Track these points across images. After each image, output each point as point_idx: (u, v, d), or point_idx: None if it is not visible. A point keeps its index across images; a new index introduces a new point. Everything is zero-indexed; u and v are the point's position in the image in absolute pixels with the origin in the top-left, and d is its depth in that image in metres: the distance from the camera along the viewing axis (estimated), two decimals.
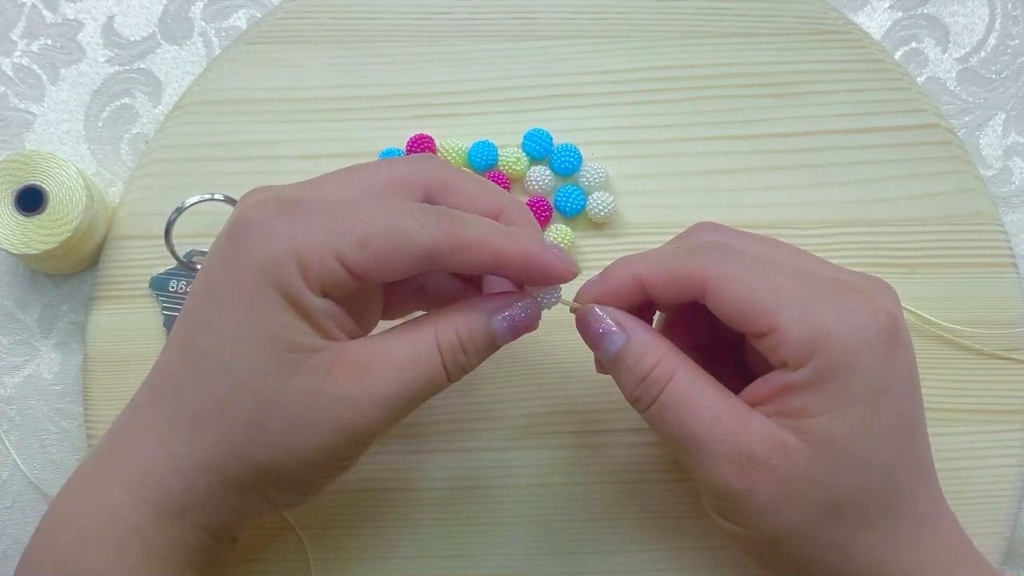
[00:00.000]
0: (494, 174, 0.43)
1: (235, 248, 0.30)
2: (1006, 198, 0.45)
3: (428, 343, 0.32)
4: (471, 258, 0.31)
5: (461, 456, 0.41)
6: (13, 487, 0.42)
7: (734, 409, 0.31)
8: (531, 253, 0.32)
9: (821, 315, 0.30)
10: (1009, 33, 0.46)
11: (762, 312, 0.30)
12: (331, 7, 0.45)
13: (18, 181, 0.40)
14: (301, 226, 0.30)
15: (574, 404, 0.41)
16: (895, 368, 0.31)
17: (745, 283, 0.31)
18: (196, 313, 0.31)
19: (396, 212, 0.31)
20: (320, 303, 0.30)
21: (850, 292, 0.31)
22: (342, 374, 0.30)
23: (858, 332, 0.30)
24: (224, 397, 0.30)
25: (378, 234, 0.30)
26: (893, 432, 0.31)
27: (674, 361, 0.32)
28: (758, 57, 0.44)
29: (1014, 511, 0.41)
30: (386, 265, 0.30)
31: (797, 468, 0.30)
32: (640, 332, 0.33)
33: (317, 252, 0.30)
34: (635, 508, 0.40)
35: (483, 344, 0.33)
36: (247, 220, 0.30)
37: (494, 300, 0.33)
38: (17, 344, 0.43)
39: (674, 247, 0.33)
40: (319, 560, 0.40)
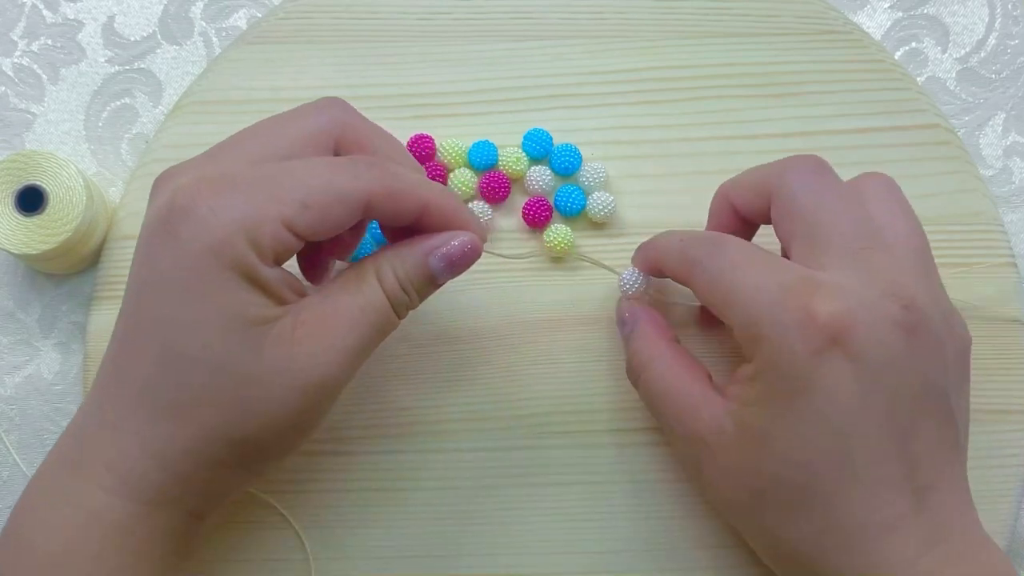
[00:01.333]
0: (494, 174, 0.43)
1: (178, 236, 0.30)
2: (1006, 198, 0.45)
3: (374, 288, 0.33)
4: (401, 205, 0.33)
5: (461, 456, 0.41)
6: (13, 487, 0.42)
7: (694, 393, 0.35)
8: (456, 209, 0.34)
9: (762, 315, 0.32)
10: (1009, 33, 0.46)
11: (724, 310, 0.34)
12: (331, 7, 0.45)
13: (18, 181, 0.40)
14: (243, 201, 0.30)
15: (575, 404, 0.41)
16: (820, 375, 0.31)
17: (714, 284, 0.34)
18: (148, 306, 0.31)
19: (329, 169, 0.32)
20: (273, 272, 0.31)
21: (799, 294, 0.32)
22: (304, 335, 0.31)
23: (785, 334, 0.32)
24: (200, 385, 0.31)
25: (318, 192, 0.31)
26: (815, 434, 0.31)
27: (656, 350, 0.37)
28: (758, 57, 0.44)
29: (1014, 511, 0.41)
30: (328, 221, 0.32)
31: (728, 452, 0.34)
32: (641, 324, 0.39)
33: (266, 223, 0.30)
34: (637, 508, 0.40)
35: (422, 282, 0.34)
36: (183, 206, 0.30)
37: (430, 239, 0.34)
38: (17, 344, 0.43)
39: (678, 239, 0.37)
40: (319, 560, 0.40)
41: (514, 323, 0.42)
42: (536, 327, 0.42)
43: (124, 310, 0.32)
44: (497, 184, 0.42)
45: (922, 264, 0.34)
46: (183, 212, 0.30)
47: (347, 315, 0.32)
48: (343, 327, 0.32)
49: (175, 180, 0.32)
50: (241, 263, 0.30)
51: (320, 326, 0.32)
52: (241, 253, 0.30)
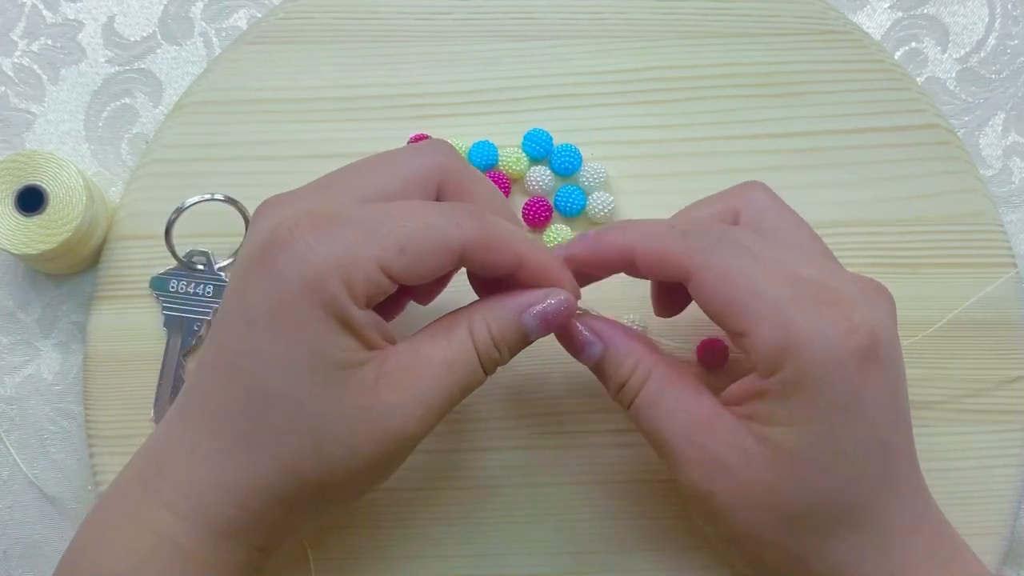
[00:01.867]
0: (494, 174, 0.43)
1: (275, 269, 0.30)
2: (1006, 198, 0.45)
3: (464, 343, 0.32)
4: (498, 258, 0.32)
5: (461, 456, 0.41)
6: (13, 487, 0.42)
7: (703, 411, 0.32)
8: (551, 266, 0.33)
9: (795, 325, 0.30)
10: (1009, 33, 0.46)
11: (737, 315, 0.31)
12: (331, 7, 0.45)
13: (18, 181, 0.40)
14: (341, 240, 0.30)
15: (576, 404, 0.41)
16: (866, 386, 0.30)
17: (726, 281, 0.31)
18: (238, 340, 0.31)
19: (430, 214, 0.31)
20: (364, 315, 0.30)
21: (829, 303, 0.30)
22: (388, 384, 0.31)
23: (829, 348, 0.30)
24: (278, 423, 0.30)
25: (416, 237, 0.30)
26: (859, 448, 0.31)
27: (648, 365, 0.33)
28: (758, 57, 0.44)
29: (1014, 511, 0.41)
30: (424, 267, 0.31)
31: (756, 474, 0.31)
32: (616, 340, 0.34)
33: (361, 265, 0.30)
34: (637, 508, 0.40)
35: (515, 340, 0.33)
36: (282, 240, 0.30)
37: (525, 295, 0.33)
38: (17, 344, 0.43)
39: (670, 225, 0.34)
40: (319, 560, 0.40)
41: None
42: None
43: (213, 335, 0.32)
44: (497, 184, 0.42)
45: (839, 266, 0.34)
46: (281, 245, 0.30)
47: (434, 369, 0.31)
48: (428, 381, 0.31)
49: (278, 211, 0.32)
50: (332, 303, 0.29)
51: (404, 377, 0.31)
52: (334, 293, 0.29)
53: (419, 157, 0.34)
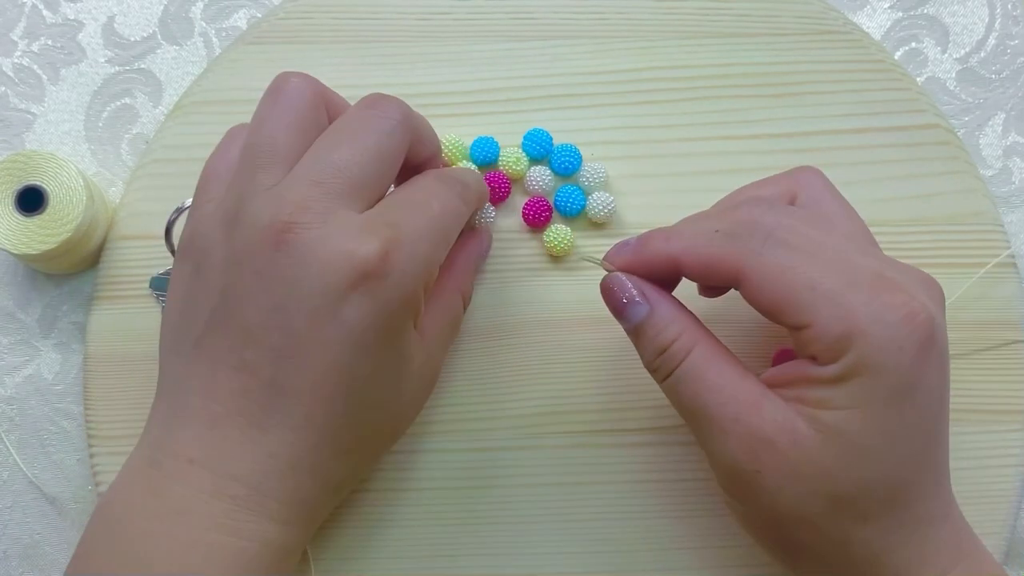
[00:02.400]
0: (494, 174, 0.43)
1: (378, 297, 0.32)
2: (1006, 198, 0.45)
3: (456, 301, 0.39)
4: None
5: (461, 456, 0.41)
6: (13, 487, 0.42)
7: (750, 389, 0.32)
8: None
9: (856, 313, 0.30)
10: (1009, 33, 0.46)
11: (797, 309, 0.31)
12: (331, 7, 0.45)
13: (18, 181, 0.40)
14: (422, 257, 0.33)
15: (576, 404, 0.41)
16: (924, 372, 0.30)
17: (782, 279, 0.31)
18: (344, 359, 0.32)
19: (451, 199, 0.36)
20: None
21: (889, 290, 0.30)
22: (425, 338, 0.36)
23: (891, 333, 0.30)
24: (374, 429, 0.35)
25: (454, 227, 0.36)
26: (911, 434, 0.31)
27: (693, 336, 0.33)
28: (758, 57, 0.44)
29: (1014, 511, 0.41)
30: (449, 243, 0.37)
31: (806, 455, 0.31)
32: (663, 304, 0.33)
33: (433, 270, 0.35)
34: (637, 508, 0.40)
35: None
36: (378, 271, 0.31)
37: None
38: (17, 344, 0.43)
39: (713, 229, 0.32)
40: (319, 560, 0.40)
41: (514, 323, 0.42)
42: (536, 327, 0.42)
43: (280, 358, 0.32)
44: (497, 184, 0.42)
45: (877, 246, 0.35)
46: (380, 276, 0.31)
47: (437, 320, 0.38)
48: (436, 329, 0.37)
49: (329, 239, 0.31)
50: (418, 308, 0.34)
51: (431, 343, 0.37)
52: (420, 300, 0.34)
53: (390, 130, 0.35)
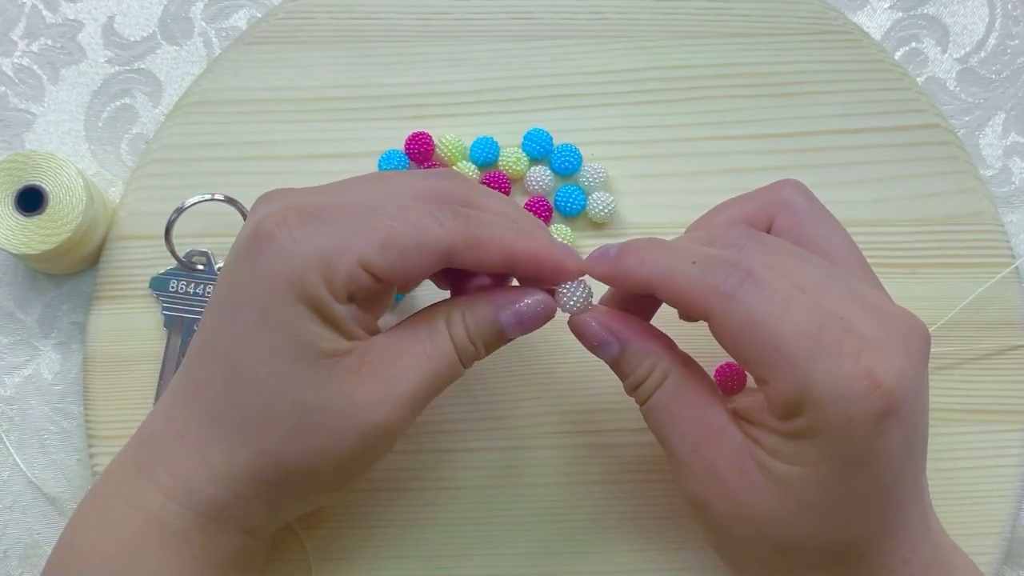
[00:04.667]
0: (494, 174, 0.43)
1: (259, 262, 0.30)
2: (1006, 198, 0.45)
3: (442, 338, 0.33)
4: (483, 255, 0.32)
5: (461, 456, 0.41)
6: (13, 487, 0.42)
7: (711, 422, 0.32)
8: (537, 249, 0.32)
9: (813, 381, 0.29)
10: (1009, 33, 0.46)
11: (758, 365, 0.30)
12: (331, 7, 0.45)
13: (18, 181, 0.40)
14: (323, 236, 0.30)
15: (575, 404, 0.41)
16: (880, 444, 0.29)
17: (747, 332, 0.30)
18: (224, 327, 0.32)
19: (414, 211, 0.31)
20: (345, 309, 0.31)
21: (854, 357, 0.29)
22: (370, 373, 0.31)
23: (846, 406, 0.29)
24: (263, 410, 0.31)
25: (399, 235, 0.31)
26: (860, 499, 0.30)
27: (665, 369, 0.33)
28: (758, 57, 0.44)
29: (1014, 511, 0.41)
30: (407, 265, 0.31)
31: (754, 498, 0.31)
32: (635, 341, 0.33)
33: (342, 260, 0.30)
34: (637, 508, 0.40)
35: (491, 336, 0.33)
36: (268, 233, 0.30)
37: (504, 293, 0.33)
38: (17, 344, 0.43)
39: (690, 261, 0.31)
40: (319, 560, 0.40)
41: None
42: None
43: (203, 322, 0.33)
44: (497, 184, 0.42)
45: (869, 271, 0.34)
46: (268, 239, 0.30)
47: (413, 360, 0.32)
48: (409, 371, 0.32)
49: (272, 203, 0.32)
50: (313, 297, 0.30)
51: (385, 368, 0.32)
52: (314, 287, 0.30)
53: (425, 177, 0.34)
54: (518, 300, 0.33)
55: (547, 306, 0.33)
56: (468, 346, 0.33)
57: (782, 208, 0.34)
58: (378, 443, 0.32)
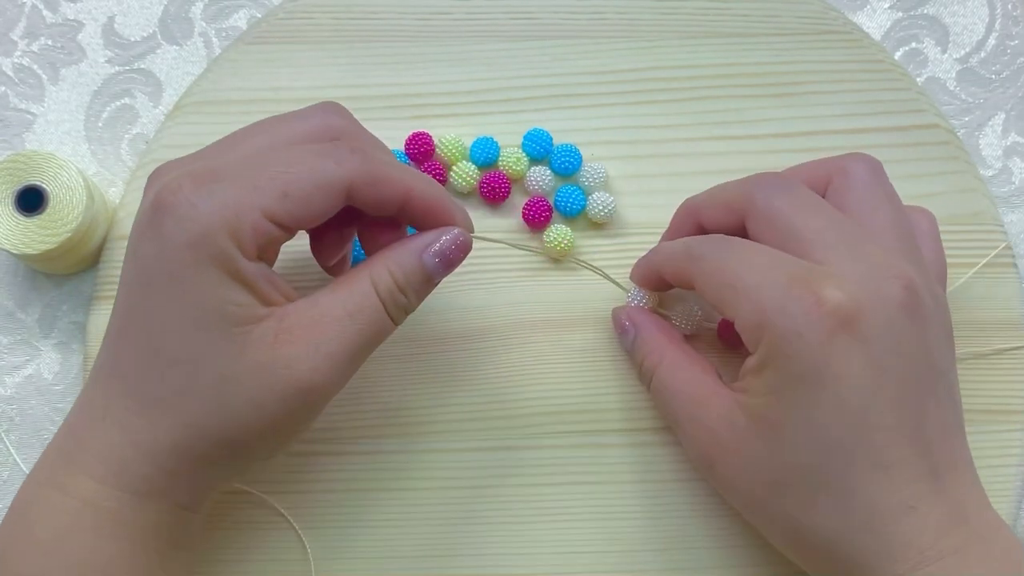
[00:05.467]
0: (494, 174, 0.43)
1: (161, 231, 0.30)
2: (1006, 198, 0.45)
3: (367, 293, 0.33)
4: (384, 192, 0.32)
5: (461, 456, 0.41)
6: (13, 487, 0.42)
7: (705, 389, 0.35)
8: (440, 198, 0.34)
9: (766, 304, 0.32)
10: (1009, 33, 0.46)
11: (723, 304, 0.34)
12: (331, 7, 0.45)
13: (18, 181, 0.40)
14: (222, 194, 0.30)
15: (575, 404, 0.41)
16: (833, 359, 0.31)
17: (713, 278, 0.34)
18: (134, 303, 0.32)
19: (311, 155, 0.32)
20: (256, 268, 0.31)
21: (801, 282, 0.32)
22: (289, 339, 0.31)
23: (794, 321, 0.31)
24: (180, 382, 0.31)
25: (298, 179, 0.31)
26: (832, 419, 0.31)
27: (662, 351, 0.38)
28: (758, 57, 0.44)
29: (1014, 511, 0.41)
30: (311, 209, 0.31)
31: (742, 443, 0.33)
32: (644, 329, 0.39)
33: (245, 215, 0.30)
34: (637, 508, 0.40)
35: (420, 282, 0.34)
36: (166, 202, 0.30)
37: (422, 237, 0.34)
38: (17, 344, 0.43)
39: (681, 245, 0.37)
40: (319, 560, 0.40)
41: (514, 323, 0.42)
42: (536, 327, 0.42)
43: (115, 304, 0.33)
44: (497, 184, 0.42)
45: (909, 247, 0.34)
46: (167, 207, 0.30)
47: (334, 320, 0.32)
48: (329, 333, 0.32)
49: (166, 173, 0.32)
50: (222, 257, 0.30)
51: (304, 331, 0.31)
52: (222, 246, 0.30)
53: (308, 118, 0.34)
54: (437, 240, 0.34)
55: (465, 239, 0.34)
56: (400, 297, 0.33)
57: (840, 175, 0.36)
58: (304, 406, 0.32)
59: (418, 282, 0.34)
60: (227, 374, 0.31)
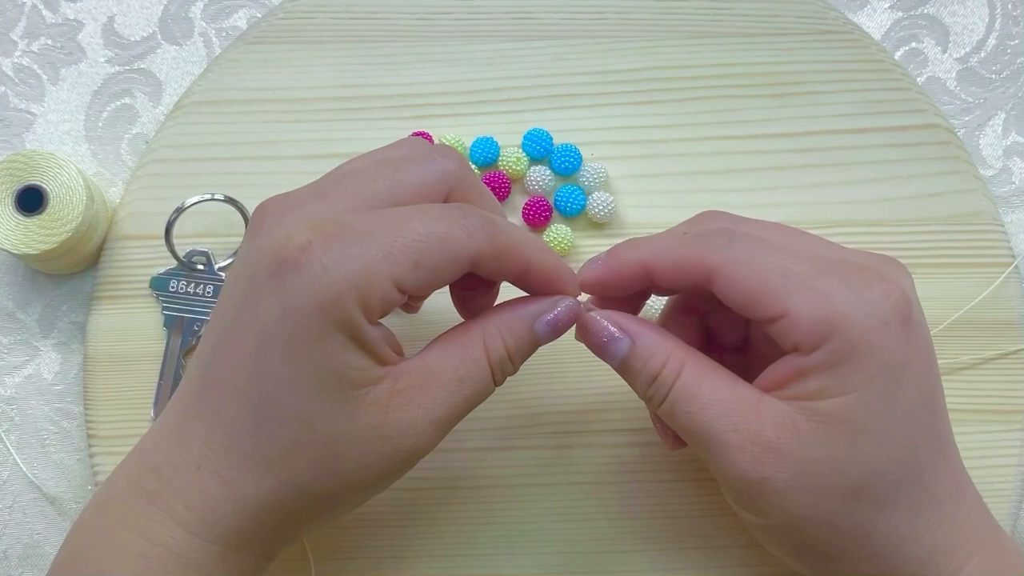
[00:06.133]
0: (494, 174, 0.43)
1: (288, 290, 0.29)
2: (1006, 198, 0.45)
3: (478, 359, 0.32)
4: (508, 265, 0.32)
5: (461, 456, 0.41)
6: (13, 487, 0.42)
7: (744, 397, 0.31)
8: (549, 264, 0.32)
9: (833, 296, 0.30)
10: (1009, 33, 0.46)
11: (771, 297, 0.30)
12: (331, 7, 0.45)
13: (18, 181, 0.40)
14: (356, 260, 0.29)
15: (574, 403, 0.41)
16: (912, 346, 0.30)
17: (753, 267, 0.31)
18: (251, 358, 0.30)
19: (444, 222, 0.30)
20: (376, 331, 0.30)
21: (861, 271, 0.30)
22: (402, 403, 0.31)
23: (872, 311, 0.29)
24: (292, 442, 0.30)
25: (431, 250, 0.30)
26: (913, 409, 0.30)
27: (681, 357, 0.32)
28: (758, 57, 0.44)
29: (1014, 511, 0.41)
30: (439, 279, 0.31)
31: (811, 451, 0.30)
32: (644, 334, 0.33)
33: (377, 284, 0.29)
34: (637, 508, 0.40)
35: (527, 349, 0.33)
36: (294, 259, 0.29)
37: (536, 304, 0.33)
38: (17, 344, 0.43)
39: (681, 232, 0.33)
40: (319, 560, 0.40)
41: None
42: None
43: (214, 348, 0.31)
44: (497, 184, 0.42)
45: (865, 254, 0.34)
46: (295, 265, 0.29)
47: (444, 385, 0.31)
48: (441, 398, 0.31)
49: (283, 220, 0.31)
50: (348, 324, 0.29)
51: (416, 395, 0.31)
52: (350, 314, 0.29)
53: (428, 166, 0.33)
54: (552, 309, 0.33)
55: (578, 310, 0.33)
56: (507, 364, 0.32)
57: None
58: (404, 467, 0.32)
59: (526, 349, 0.33)
60: (339, 435, 0.30)
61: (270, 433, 0.30)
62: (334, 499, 0.32)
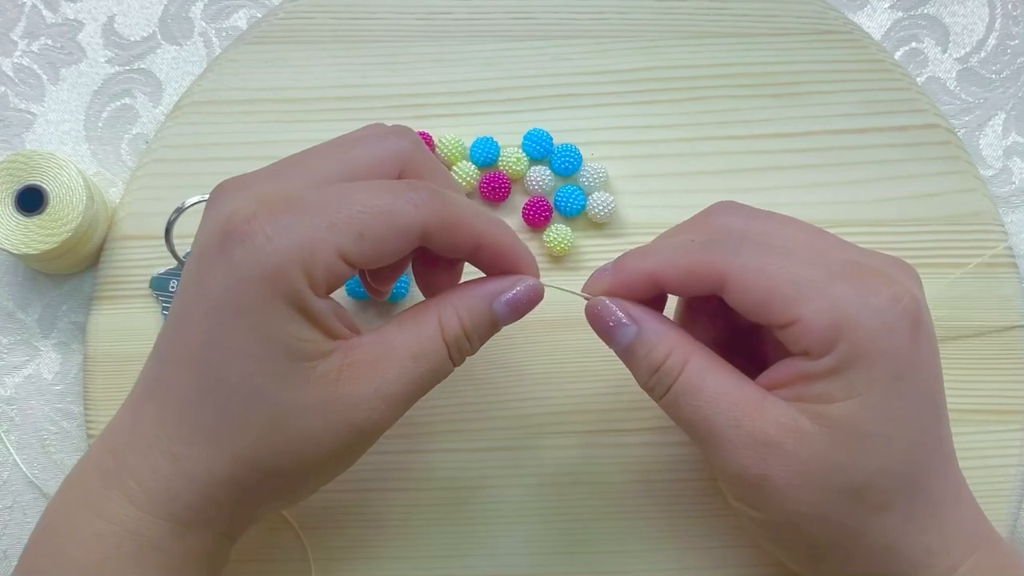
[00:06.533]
0: (494, 174, 0.43)
1: (232, 261, 0.29)
2: (1006, 198, 0.45)
3: (433, 336, 0.32)
4: (458, 237, 0.32)
5: (461, 456, 0.41)
6: (13, 487, 0.42)
7: (748, 394, 0.31)
8: (503, 240, 0.33)
9: (842, 302, 0.30)
10: (1009, 33, 0.46)
11: (783, 304, 0.30)
12: (331, 7, 0.45)
13: (18, 181, 0.40)
14: (299, 229, 0.29)
15: (575, 404, 0.41)
16: (919, 351, 0.30)
17: (764, 275, 0.31)
18: (195, 328, 0.30)
19: (388, 193, 0.31)
20: (325, 303, 0.30)
21: (871, 275, 0.30)
22: (352, 376, 0.31)
23: (881, 317, 0.30)
24: (239, 414, 0.30)
25: (375, 221, 0.30)
26: (917, 414, 0.31)
27: (687, 349, 0.32)
28: (758, 57, 0.44)
29: (1014, 511, 0.41)
30: (384, 251, 0.31)
31: (813, 452, 0.30)
32: (651, 322, 0.33)
33: (320, 253, 0.29)
34: (637, 508, 0.40)
35: (485, 329, 0.33)
36: (239, 230, 0.29)
37: (493, 283, 0.33)
38: (17, 344, 0.43)
39: (688, 239, 0.33)
40: (319, 560, 0.40)
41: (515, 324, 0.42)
42: (536, 327, 0.42)
43: (169, 326, 0.32)
44: (497, 184, 0.42)
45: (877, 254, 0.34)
46: (239, 237, 0.29)
47: (397, 361, 0.31)
48: (393, 374, 0.31)
49: (234, 196, 0.31)
50: (293, 294, 0.29)
51: (369, 370, 0.31)
52: (294, 283, 0.29)
53: (381, 143, 0.33)
54: (510, 289, 0.33)
55: (538, 289, 0.33)
56: (463, 342, 0.32)
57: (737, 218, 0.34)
58: (358, 444, 0.32)
59: (484, 329, 0.33)
60: (287, 408, 0.30)
61: (218, 406, 0.30)
62: (286, 475, 0.31)
